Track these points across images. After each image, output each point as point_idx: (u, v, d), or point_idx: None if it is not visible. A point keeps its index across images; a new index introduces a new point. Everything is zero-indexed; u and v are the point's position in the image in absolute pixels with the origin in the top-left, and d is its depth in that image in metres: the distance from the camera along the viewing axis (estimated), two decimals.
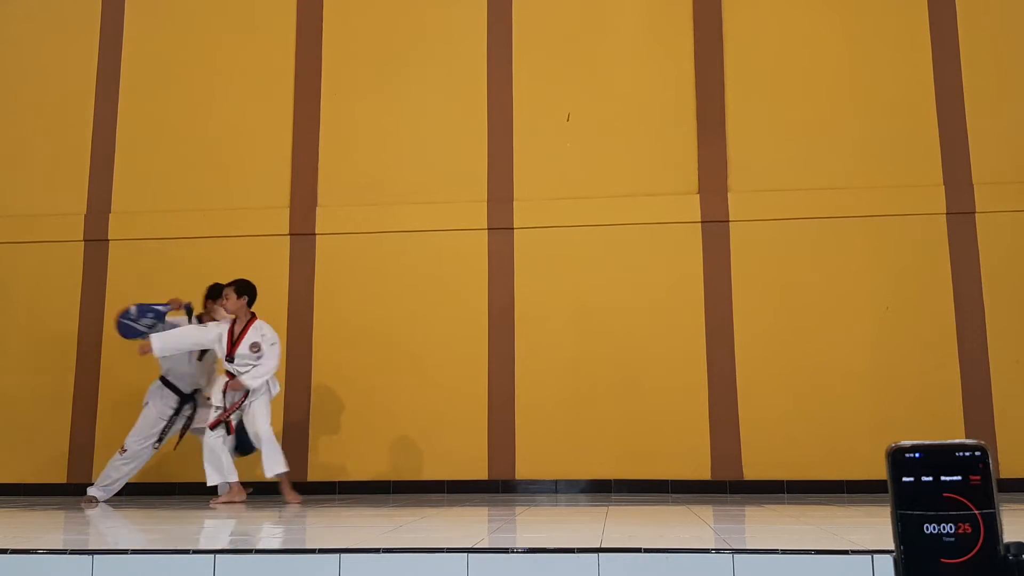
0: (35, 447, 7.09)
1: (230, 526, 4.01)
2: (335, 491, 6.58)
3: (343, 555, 2.48)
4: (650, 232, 6.95)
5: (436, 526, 3.63)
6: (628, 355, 6.82)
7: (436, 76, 7.36)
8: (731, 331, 6.77)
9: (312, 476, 6.84)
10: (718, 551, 2.43)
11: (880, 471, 1.68)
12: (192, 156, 7.44)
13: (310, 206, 7.26)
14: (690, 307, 6.82)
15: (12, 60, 7.75)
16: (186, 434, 6.23)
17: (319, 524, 4.02)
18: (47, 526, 4.05)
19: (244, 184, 7.34)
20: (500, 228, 7.07)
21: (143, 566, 2.54)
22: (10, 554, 2.62)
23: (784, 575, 2.37)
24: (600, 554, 2.43)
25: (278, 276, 7.05)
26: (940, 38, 6.97)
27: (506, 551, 2.49)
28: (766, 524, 3.75)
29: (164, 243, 7.30)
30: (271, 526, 3.97)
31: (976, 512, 1.55)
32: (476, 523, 3.87)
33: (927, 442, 1.59)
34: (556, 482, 6.69)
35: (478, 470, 6.75)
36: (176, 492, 6.76)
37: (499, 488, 6.69)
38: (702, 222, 6.93)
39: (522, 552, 2.48)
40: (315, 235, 7.20)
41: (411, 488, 6.69)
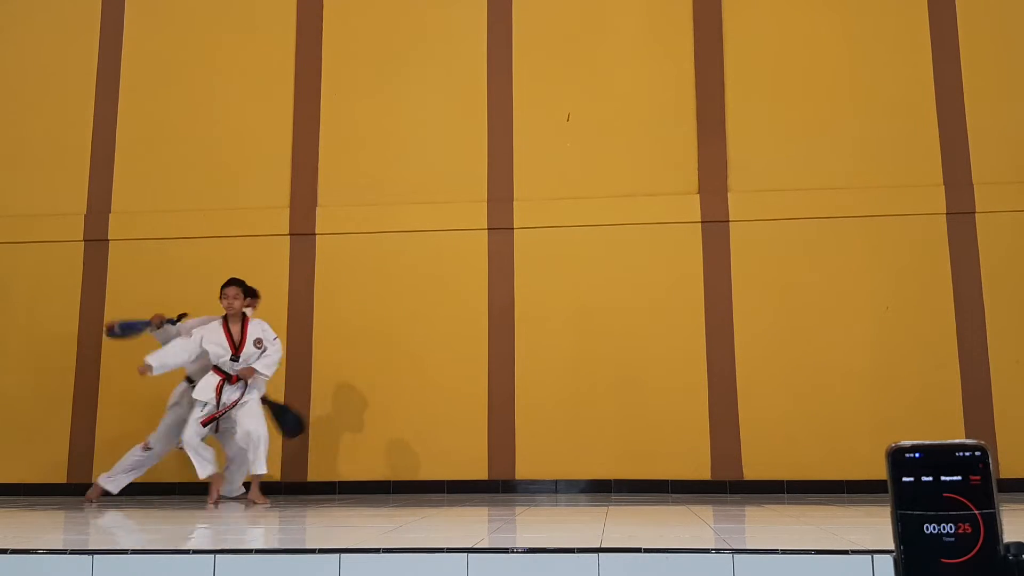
0: (35, 447, 7.09)
1: (230, 526, 4.01)
2: (335, 491, 6.58)
3: (343, 555, 2.48)
4: (650, 232, 6.95)
5: (436, 526, 3.63)
6: (628, 355, 6.82)
7: (436, 76, 7.36)
8: (731, 331, 6.77)
9: (312, 476, 6.84)
10: (718, 551, 2.43)
11: (880, 471, 1.68)
12: (192, 156, 7.44)
13: (310, 206, 7.26)
14: (690, 307, 6.83)
15: (12, 60, 7.75)
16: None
17: (319, 524, 4.02)
18: (47, 526, 4.05)
19: (244, 184, 7.34)
20: (500, 228, 7.07)
21: (143, 566, 2.54)
22: (10, 554, 2.62)
23: (784, 575, 2.37)
24: (600, 554, 2.43)
25: (278, 276, 7.05)
26: (940, 38, 6.97)
27: (506, 551, 2.49)
28: (766, 524, 3.75)
29: (164, 243, 7.30)
30: (271, 526, 3.97)
31: (976, 512, 1.55)
32: (476, 523, 3.87)
33: (927, 442, 1.59)
34: (556, 482, 6.69)
35: (478, 470, 6.75)
36: (176, 492, 6.76)
37: (499, 488, 6.69)
38: (702, 222, 6.93)
39: (522, 552, 2.48)
40: (315, 235, 7.20)
41: (411, 488, 6.69)
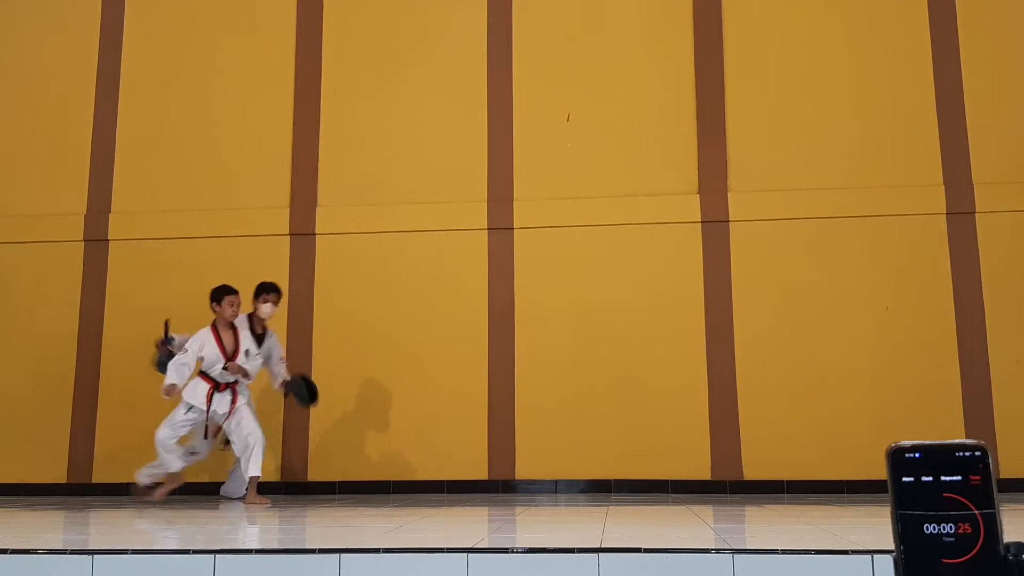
0: (35, 447, 7.09)
1: (230, 526, 4.01)
2: (335, 491, 6.57)
3: (343, 555, 2.48)
4: (650, 232, 6.95)
5: (436, 526, 3.63)
6: (628, 355, 6.82)
7: (436, 76, 7.36)
8: (731, 331, 6.77)
9: (312, 476, 6.84)
10: (718, 551, 2.43)
11: (880, 471, 1.68)
12: (192, 156, 7.44)
13: (310, 206, 7.26)
14: (690, 307, 6.82)
15: (12, 60, 7.74)
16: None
17: (319, 524, 4.02)
18: (47, 526, 4.05)
19: (244, 184, 7.34)
20: (500, 228, 7.07)
21: (143, 566, 2.54)
22: (10, 554, 2.62)
23: (784, 575, 2.37)
24: (600, 554, 2.43)
25: (278, 276, 7.03)
26: (940, 38, 6.97)
27: (506, 551, 2.49)
28: (766, 524, 3.75)
29: (164, 243, 7.30)
30: (271, 526, 3.96)
31: (976, 512, 1.55)
32: (476, 523, 3.86)
33: (927, 442, 1.59)
34: (556, 482, 6.69)
35: (478, 470, 6.75)
36: (176, 492, 6.75)
37: (499, 488, 6.68)
38: (702, 222, 6.93)
39: (522, 552, 2.48)
40: (315, 235, 7.20)
41: (411, 488, 6.69)
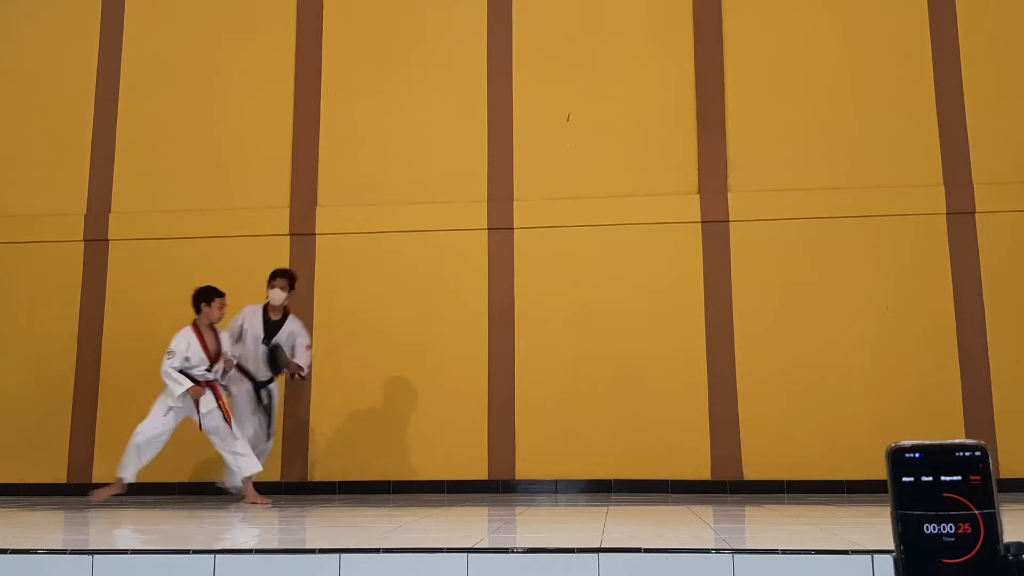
0: (35, 447, 7.09)
1: (230, 526, 4.01)
2: (335, 491, 6.57)
3: (343, 555, 2.48)
4: (650, 232, 6.95)
5: (436, 526, 3.63)
6: (628, 355, 6.82)
7: (436, 76, 7.36)
8: (731, 331, 6.77)
9: (312, 476, 6.84)
10: (718, 551, 2.43)
11: (880, 471, 1.68)
12: (192, 156, 7.44)
13: (310, 206, 7.26)
14: (690, 307, 6.82)
15: (12, 60, 7.74)
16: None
17: (319, 524, 4.02)
18: (47, 526, 4.05)
19: (244, 184, 7.34)
20: (500, 228, 7.07)
21: (143, 566, 2.54)
22: (10, 554, 2.62)
23: (784, 575, 2.37)
24: (600, 554, 2.43)
25: None
26: (940, 38, 6.97)
27: (506, 551, 2.49)
28: (766, 524, 3.75)
29: (164, 243, 7.30)
30: (271, 526, 3.96)
31: (976, 512, 1.55)
32: (476, 523, 3.86)
33: (927, 442, 1.59)
34: (556, 482, 6.69)
35: (478, 470, 6.75)
36: (176, 492, 6.77)
37: (499, 488, 6.68)
38: (702, 222, 6.93)
39: (522, 552, 2.48)
40: (315, 235, 7.20)
41: (411, 488, 6.69)
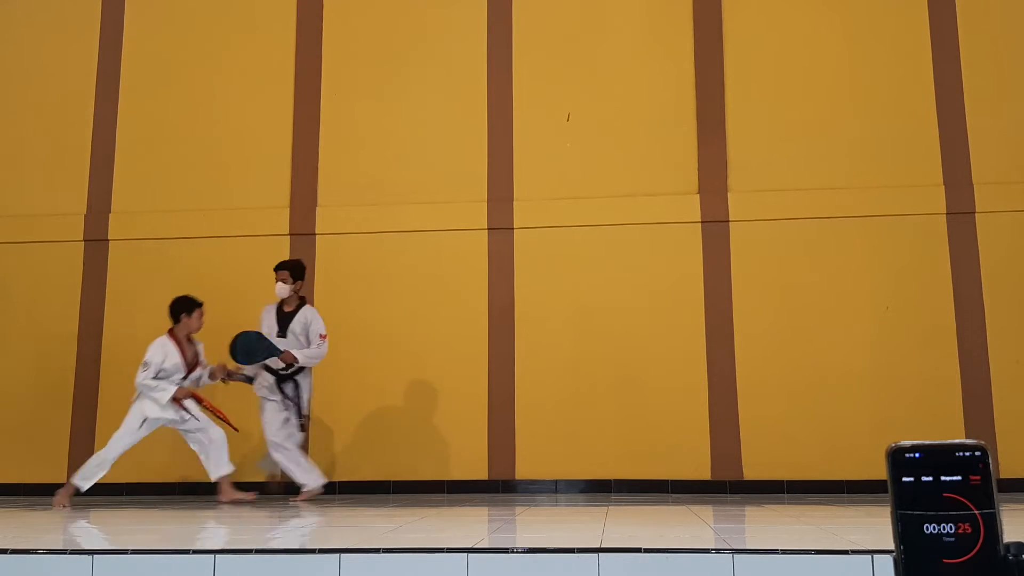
0: (35, 447, 7.08)
1: (230, 526, 4.01)
2: (335, 491, 6.57)
3: (343, 555, 2.48)
4: (650, 232, 6.95)
5: (436, 526, 3.63)
6: (628, 355, 6.82)
7: (436, 76, 7.36)
8: (731, 331, 6.77)
9: None
10: (718, 551, 2.43)
11: (880, 471, 1.68)
12: (192, 156, 7.44)
13: (310, 206, 7.26)
14: (690, 307, 6.82)
15: (12, 60, 7.74)
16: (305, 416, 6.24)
17: (319, 524, 4.02)
18: (47, 526, 4.05)
19: (244, 184, 7.34)
20: (500, 228, 7.07)
21: (143, 566, 2.54)
22: (10, 554, 2.62)
23: (784, 575, 2.37)
24: (600, 554, 2.43)
25: None
26: (940, 38, 6.97)
27: (506, 551, 2.49)
28: (766, 524, 3.75)
29: (164, 243, 7.30)
30: (271, 526, 3.96)
31: (976, 512, 1.55)
32: (476, 523, 3.86)
33: (927, 442, 1.59)
34: (556, 482, 6.69)
35: (478, 470, 6.75)
36: (176, 492, 6.76)
37: (499, 488, 6.68)
38: (702, 222, 6.93)
39: (522, 552, 2.48)
40: (315, 235, 7.20)
41: (411, 488, 6.69)
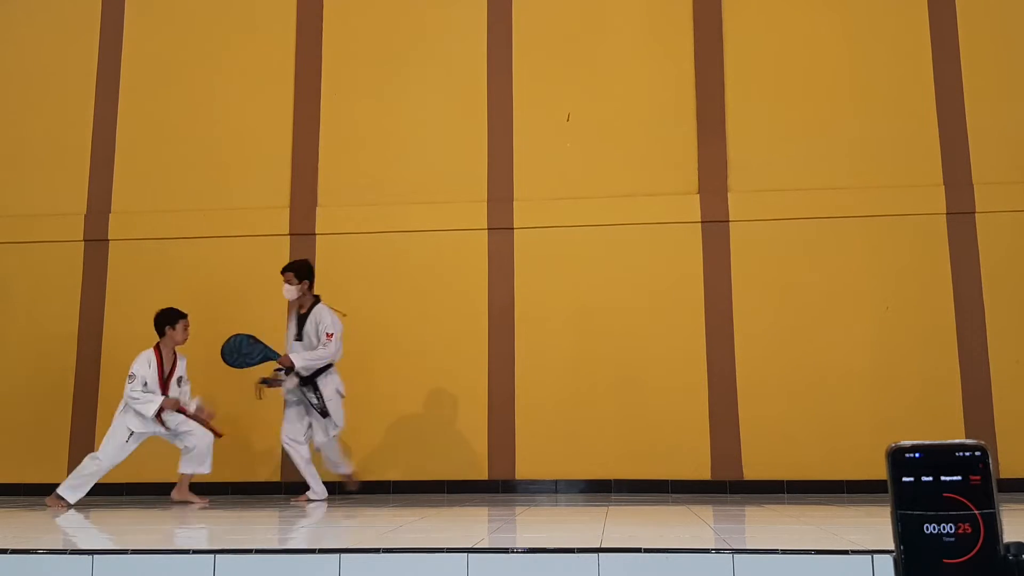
0: (35, 447, 7.08)
1: (230, 526, 4.01)
2: (335, 491, 6.57)
3: (343, 555, 2.48)
4: (650, 232, 6.95)
5: (436, 526, 3.63)
6: (628, 355, 6.82)
7: (436, 76, 7.36)
8: (731, 331, 6.77)
9: None
10: (718, 551, 2.43)
11: (880, 471, 1.68)
12: (192, 156, 7.44)
13: (310, 206, 7.25)
14: (690, 307, 6.82)
15: (12, 60, 7.74)
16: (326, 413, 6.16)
17: (319, 524, 4.02)
18: (47, 526, 4.05)
19: (244, 184, 7.34)
20: (500, 228, 7.07)
21: (143, 566, 2.54)
22: (10, 554, 2.62)
23: (784, 575, 2.37)
24: (600, 554, 2.43)
25: (278, 276, 7.03)
26: (940, 38, 6.97)
27: (506, 551, 2.49)
28: (766, 524, 3.75)
29: (164, 243, 7.30)
30: (271, 526, 3.96)
31: (976, 512, 1.55)
32: (476, 523, 3.86)
33: (927, 442, 1.59)
34: (556, 482, 6.68)
35: (478, 470, 6.75)
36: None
37: (499, 488, 6.68)
38: (702, 222, 6.93)
39: (522, 552, 2.48)
40: (315, 235, 7.20)
41: (411, 488, 6.69)
